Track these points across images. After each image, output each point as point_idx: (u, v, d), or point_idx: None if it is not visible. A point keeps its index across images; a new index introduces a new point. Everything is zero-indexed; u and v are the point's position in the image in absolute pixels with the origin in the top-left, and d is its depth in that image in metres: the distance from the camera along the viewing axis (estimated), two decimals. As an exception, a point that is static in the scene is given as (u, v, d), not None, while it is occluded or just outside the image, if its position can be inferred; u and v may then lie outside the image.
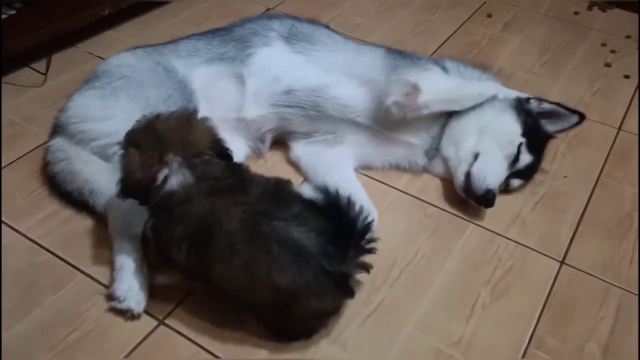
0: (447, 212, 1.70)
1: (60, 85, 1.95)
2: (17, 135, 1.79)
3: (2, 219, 1.54)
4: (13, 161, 1.70)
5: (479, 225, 1.66)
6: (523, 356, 1.36)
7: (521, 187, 1.77)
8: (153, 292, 1.38)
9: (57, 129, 1.62)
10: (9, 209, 1.56)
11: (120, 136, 1.51)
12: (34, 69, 2.01)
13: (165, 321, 1.35)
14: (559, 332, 1.42)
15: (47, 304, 1.36)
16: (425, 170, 1.79)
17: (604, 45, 2.49)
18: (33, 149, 1.73)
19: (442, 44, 2.39)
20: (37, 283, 1.40)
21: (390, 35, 2.38)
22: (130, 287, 1.34)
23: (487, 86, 1.76)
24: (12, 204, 1.58)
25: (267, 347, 1.31)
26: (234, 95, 1.70)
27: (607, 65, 2.37)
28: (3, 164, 1.69)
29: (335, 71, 1.71)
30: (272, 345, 1.32)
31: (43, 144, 1.69)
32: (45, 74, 1.98)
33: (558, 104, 1.74)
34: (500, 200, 1.66)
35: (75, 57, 2.10)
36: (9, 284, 1.39)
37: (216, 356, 1.30)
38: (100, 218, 1.53)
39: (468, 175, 1.64)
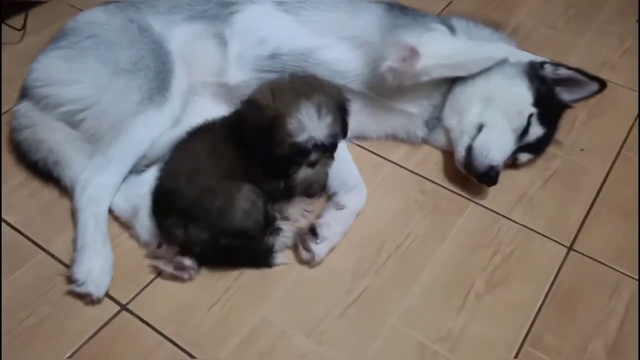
0: (447, 189, 1.55)
1: (39, 42, 1.79)
2: (-12, 97, 1.68)
3: (-34, 189, 1.45)
4: (-18, 126, 1.60)
5: (480, 205, 1.51)
6: (517, 355, 1.23)
7: (531, 161, 1.60)
8: (117, 274, 1.29)
9: (24, 93, 1.51)
10: (-28, 179, 1.47)
11: (87, 102, 1.42)
12: (9, 26, 1.88)
13: (128, 306, 1.26)
14: (560, 328, 1.29)
15: (4, 285, 1.28)
16: (425, 141, 1.63)
17: (636, -2, 2.24)
18: (5, 112, 1.62)
19: (454, -1, 2.19)
20: (-4, 261, 1.32)
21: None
22: (90, 270, 1.25)
23: (497, 48, 1.58)
24: (-24, 174, 1.48)
25: (235, 340, 1.21)
26: (215, 58, 1.56)
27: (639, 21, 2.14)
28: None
29: (327, 32, 1.55)
30: (241, 338, 1.22)
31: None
32: (22, 30, 1.85)
33: (576, 70, 1.55)
34: (505, 176, 1.51)
35: (56, 11, 1.96)
36: (-35, 262, 1.31)
37: (181, 348, 1.20)
38: (67, 191, 1.42)
39: (469, 149, 1.49)
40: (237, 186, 1.27)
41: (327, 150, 1.28)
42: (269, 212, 1.31)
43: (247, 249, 1.32)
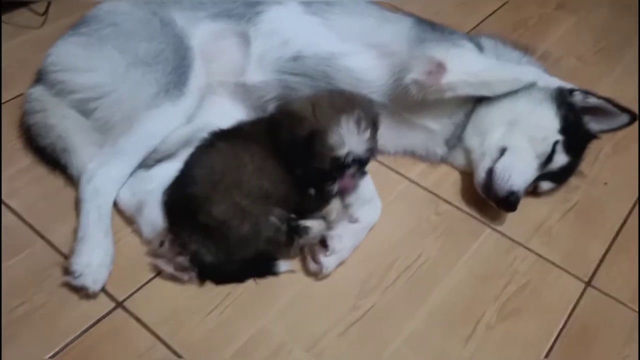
0: (462, 211, 1.49)
1: (59, 29, 1.76)
2: (4, 79, 1.65)
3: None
4: (-6, 107, 1.57)
5: (496, 231, 1.46)
6: (526, 391, 1.17)
7: (552, 191, 1.54)
8: (115, 269, 1.24)
9: (39, 77, 1.48)
10: (-23, 160, 1.44)
11: (101, 91, 1.38)
12: (32, 10, 1.86)
13: (124, 304, 1.21)
14: (572, 367, 1.22)
15: (-1, 270, 1.24)
16: (443, 160, 1.58)
17: (670, 35, 2.20)
18: (17, 96, 1.59)
19: (484, 19, 2.15)
20: (-7, 246, 1.28)
21: (427, 6, 2.14)
22: (89, 263, 1.20)
23: (526, 71, 1.53)
24: (-18, 155, 1.45)
25: (231, 348, 1.16)
26: (236, 57, 1.52)
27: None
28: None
29: (353, 38, 1.51)
30: (237, 346, 1.17)
31: (28, 91, 1.55)
32: (43, 15, 1.83)
33: (607, 100, 1.49)
34: (525, 203, 1.45)
35: (80, 0, 1.94)
36: (-38, 244, 1.27)
37: (174, 352, 1.15)
38: (73, 179, 1.38)
39: (490, 172, 1.43)
40: (266, 211, 1.23)
41: (363, 164, 1.27)
42: (293, 227, 1.26)
43: (251, 265, 1.27)
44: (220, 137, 1.33)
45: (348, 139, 1.21)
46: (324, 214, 1.33)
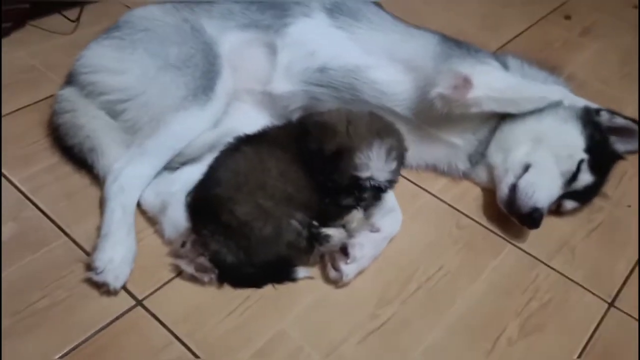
0: (484, 226, 1.48)
1: (91, 35, 1.79)
2: (34, 81, 1.69)
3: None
4: (23, 107, 1.60)
5: (518, 247, 1.44)
6: (547, 409, 1.15)
7: (575, 210, 1.53)
8: (137, 269, 1.24)
9: (70, 78, 1.50)
10: (6, 157, 1.45)
11: (131, 93, 1.40)
12: (65, 16, 1.90)
13: (144, 302, 1.21)
14: (594, 387, 1.20)
15: (21, 264, 1.24)
16: (465, 176, 1.58)
17: (696, 64, 2.19)
18: (46, 97, 1.62)
19: (509, 41, 2.16)
20: (17, 240, 1.28)
21: (452, 25, 2.13)
22: (111, 259, 1.21)
23: (552, 90, 1.54)
24: (10, 152, 1.47)
25: (249, 351, 1.15)
26: (263, 66, 1.54)
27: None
28: (13, 109, 1.58)
29: (379, 52, 1.52)
30: (255, 349, 1.15)
31: (57, 93, 1.57)
32: (75, 22, 1.87)
33: (633, 120, 1.49)
34: (548, 222, 1.44)
35: (110, 8, 1.98)
36: (-13, 236, 1.28)
37: (191, 351, 1.14)
38: (98, 179, 1.39)
39: (514, 188, 1.43)
40: (289, 214, 1.22)
41: (378, 193, 1.28)
42: (314, 233, 1.25)
43: (270, 269, 1.27)
44: (245, 142, 1.34)
45: (374, 164, 1.23)
46: (344, 222, 1.32)
